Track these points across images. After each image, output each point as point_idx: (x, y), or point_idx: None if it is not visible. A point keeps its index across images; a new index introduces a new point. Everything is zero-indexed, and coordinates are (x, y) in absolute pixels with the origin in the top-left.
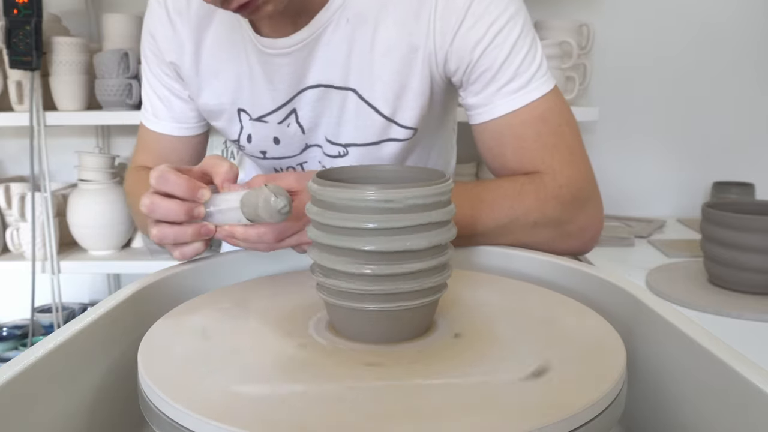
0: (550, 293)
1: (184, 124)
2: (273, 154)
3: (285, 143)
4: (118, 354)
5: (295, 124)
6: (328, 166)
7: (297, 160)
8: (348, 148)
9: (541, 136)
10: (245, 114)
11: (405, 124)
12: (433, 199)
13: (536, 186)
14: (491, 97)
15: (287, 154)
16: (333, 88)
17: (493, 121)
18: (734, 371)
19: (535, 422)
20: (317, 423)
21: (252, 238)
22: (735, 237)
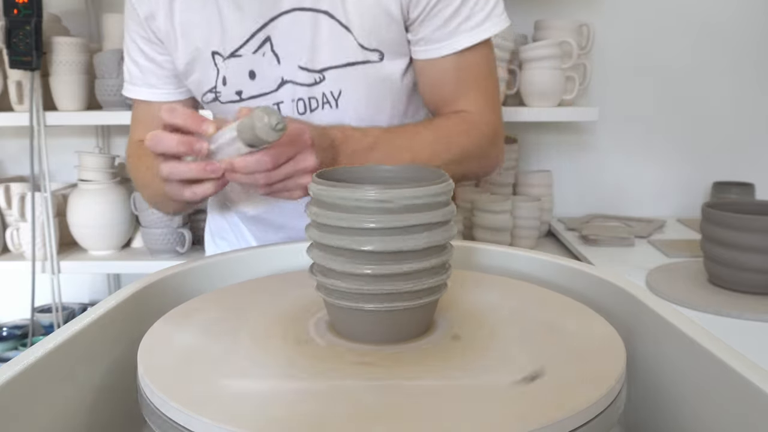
0: (550, 293)
1: (161, 90)
2: (249, 92)
3: (260, 77)
4: (118, 354)
5: (270, 53)
6: (303, 104)
7: (273, 98)
8: (324, 72)
9: (477, 80)
10: (219, 56)
11: (375, 47)
12: (432, 199)
13: (468, 125)
14: (450, 33)
15: (263, 91)
16: (305, 10)
17: (444, 58)
18: (734, 371)
19: (535, 422)
20: (317, 423)
21: (251, 165)
22: (735, 237)
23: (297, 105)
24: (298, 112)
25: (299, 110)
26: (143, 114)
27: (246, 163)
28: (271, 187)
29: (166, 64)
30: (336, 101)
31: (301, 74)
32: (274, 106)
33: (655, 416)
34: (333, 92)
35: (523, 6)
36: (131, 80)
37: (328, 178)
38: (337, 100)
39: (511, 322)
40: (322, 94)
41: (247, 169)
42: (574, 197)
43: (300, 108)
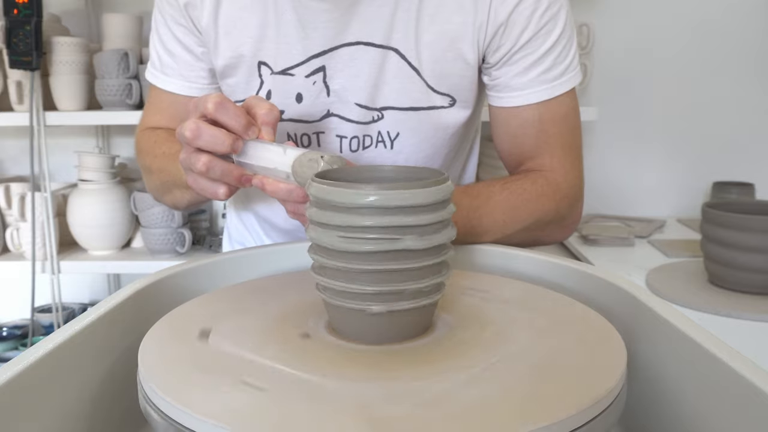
0: (550, 293)
1: (195, 84)
2: (291, 115)
3: (308, 103)
4: (118, 354)
5: (321, 83)
6: (357, 142)
7: (314, 128)
8: (383, 111)
9: (562, 134)
10: (266, 68)
11: (445, 92)
12: (433, 199)
13: (552, 188)
14: (530, 82)
15: (306, 118)
16: (373, 46)
17: (525, 108)
18: (734, 371)
19: (535, 422)
20: (317, 423)
21: (281, 193)
22: (735, 237)
23: (351, 143)
24: (351, 149)
25: (352, 147)
26: (166, 104)
27: (276, 189)
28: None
29: (203, 57)
30: (392, 142)
31: (355, 111)
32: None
33: (655, 416)
34: (390, 133)
35: None
36: (162, 69)
37: (328, 178)
38: (393, 141)
39: (510, 322)
40: (378, 133)
41: (276, 195)
42: None
43: (353, 145)
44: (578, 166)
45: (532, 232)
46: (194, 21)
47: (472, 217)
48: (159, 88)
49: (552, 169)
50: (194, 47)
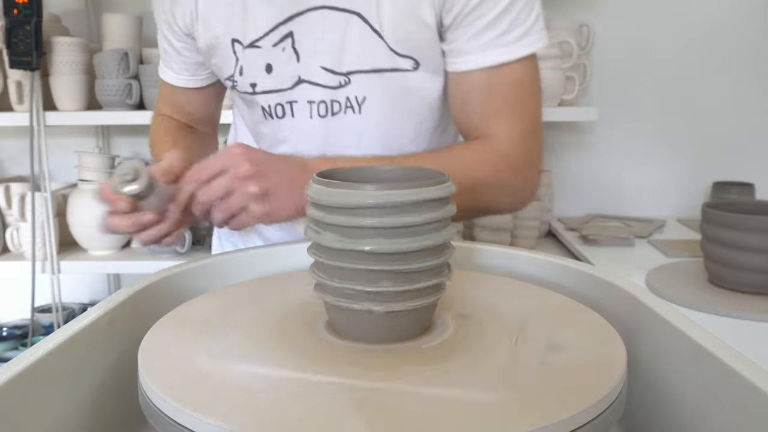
0: (550, 293)
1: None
2: (263, 87)
3: (277, 72)
4: (118, 354)
5: (291, 49)
6: (325, 107)
7: (287, 96)
8: (350, 76)
9: (513, 101)
10: (238, 44)
11: (408, 54)
12: (432, 199)
13: (494, 155)
14: (482, 46)
15: (278, 87)
16: (336, 10)
17: (474, 72)
18: (734, 371)
19: (535, 422)
20: (317, 423)
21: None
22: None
23: (318, 107)
24: (319, 114)
25: (320, 113)
26: (168, 93)
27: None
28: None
29: (183, 51)
30: (360, 107)
31: (323, 75)
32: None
33: (655, 416)
34: (357, 97)
35: None
36: (161, 61)
37: (327, 178)
38: (361, 106)
39: (510, 322)
40: (346, 98)
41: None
42: (574, 197)
43: (321, 111)
44: (531, 136)
45: (476, 198)
46: (176, 17)
47: None
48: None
49: (497, 135)
50: (175, 42)
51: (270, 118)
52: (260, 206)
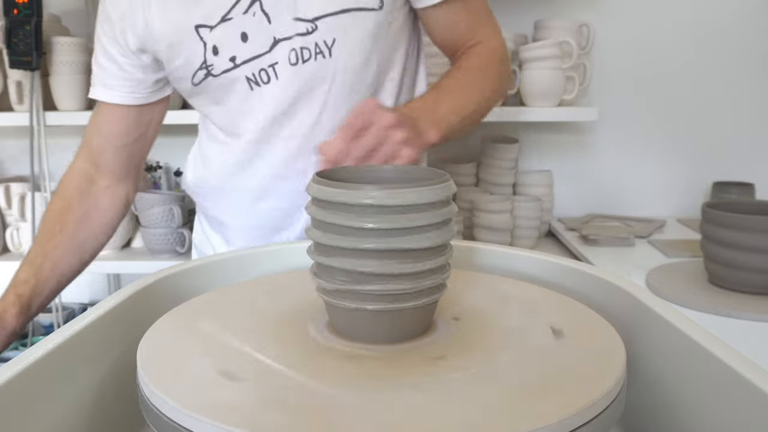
0: (550, 293)
1: (120, 92)
2: (243, 56)
3: (252, 39)
4: (118, 354)
5: (261, 13)
6: (295, 55)
7: (268, 60)
8: (316, 21)
9: (481, 12)
10: (204, 28)
11: None
12: (433, 199)
13: (493, 54)
14: None
15: (257, 52)
16: None
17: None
18: (734, 371)
19: (535, 422)
20: (318, 423)
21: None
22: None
23: (290, 56)
24: (290, 62)
25: (291, 61)
26: (94, 120)
27: (329, 147)
28: (375, 160)
29: (126, 67)
30: (329, 50)
31: (294, 26)
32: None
33: (655, 416)
34: (326, 41)
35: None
36: (93, 83)
37: (328, 178)
38: (331, 49)
39: (510, 322)
40: (315, 45)
41: (332, 153)
42: (574, 197)
43: (292, 59)
44: (499, 31)
45: (490, 99)
46: (126, 31)
47: (437, 102)
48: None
49: (487, 38)
50: (119, 57)
51: (257, 86)
52: (409, 147)
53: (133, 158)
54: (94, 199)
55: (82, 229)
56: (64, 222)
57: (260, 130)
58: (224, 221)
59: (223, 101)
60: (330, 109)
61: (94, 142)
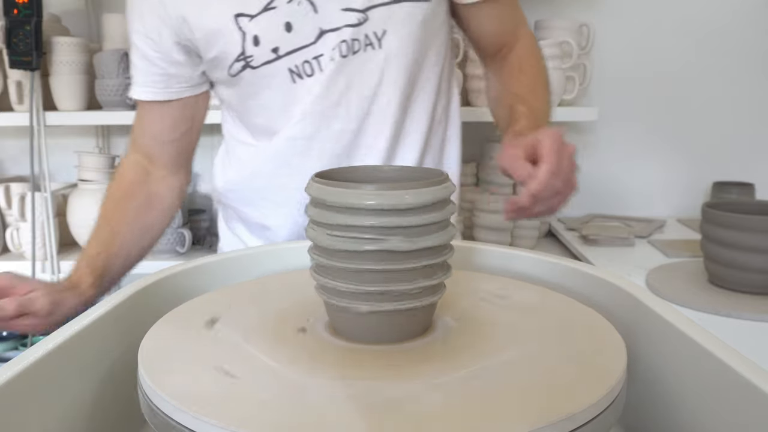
0: (551, 293)
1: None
2: (286, 47)
3: (297, 29)
4: (118, 354)
5: (306, 2)
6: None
7: (312, 51)
8: (367, 12)
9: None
10: (244, 17)
11: None
12: (432, 199)
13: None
14: None
15: (301, 44)
16: None
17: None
18: (734, 371)
19: (535, 422)
20: (318, 423)
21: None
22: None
23: (340, 47)
24: (341, 54)
25: (342, 53)
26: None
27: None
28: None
29: (157, 61)
30: (379, 41)
31: (342, 16)
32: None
33: (655, 416)
34: (377, 32)
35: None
36: (132, 84)
37: (328, 178)
38: (381, 41)
39: (510, 322)
40: (365, 36)
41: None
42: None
43: (343, 50)
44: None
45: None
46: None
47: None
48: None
49: (526, 33)
50: (150, 52)
51: (300, 78)
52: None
53: (183, 152)
54: (152, 186)
55: (144, 213)
56: (126, 207)
57: (305, 125)
58: (269, 225)
59: (261, 95)
60: (380, 103)
61: (141, 142)
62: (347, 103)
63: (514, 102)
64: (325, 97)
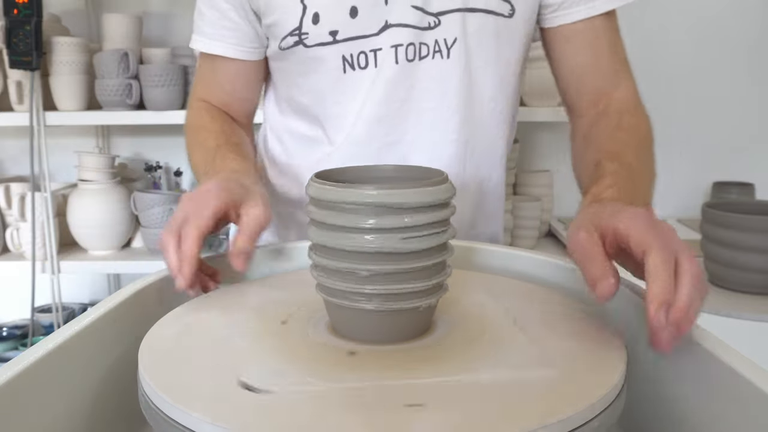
0: (551, 293)
1: (231, 42)
2: (347, 33)
3: (363, 15)
4: (118, 354)
5: None
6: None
7: (371, 44)
8: (440, 17)
9: (619, 46)
10: None
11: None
12: (433, 199)
13: (638, 115)
14: None
15: (363, 33)
16: None
17: (591, 20)
18: (734, 371)
19: (535, 422)
20: (317, 423)
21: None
22: (735, 237)
23: (407, 50)
24: (407, 58)
25: (408, 57)
26: (205, 71)
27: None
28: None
29: (229, 13)
30: (448, 50)
31: (412, 15)
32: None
33: (655, 416)
34: (447, 40)
35: None
36: (196, 32)
37: (328, 178)
38: (450, 50)
39: (511, 322)
40: (435, 42)
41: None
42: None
43: (409, 54)
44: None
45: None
46: None
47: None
48: (201, 55)
49: (628, 82)
50: (221, 3)
51: (351, 70)
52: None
53: (252, 113)
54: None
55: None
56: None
57: (358, 126)
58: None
59: (309, 77)
60: (443, 117)
61: (206, 95)
62: (408, 113)
63: (603, 158)
64: (382, 103)
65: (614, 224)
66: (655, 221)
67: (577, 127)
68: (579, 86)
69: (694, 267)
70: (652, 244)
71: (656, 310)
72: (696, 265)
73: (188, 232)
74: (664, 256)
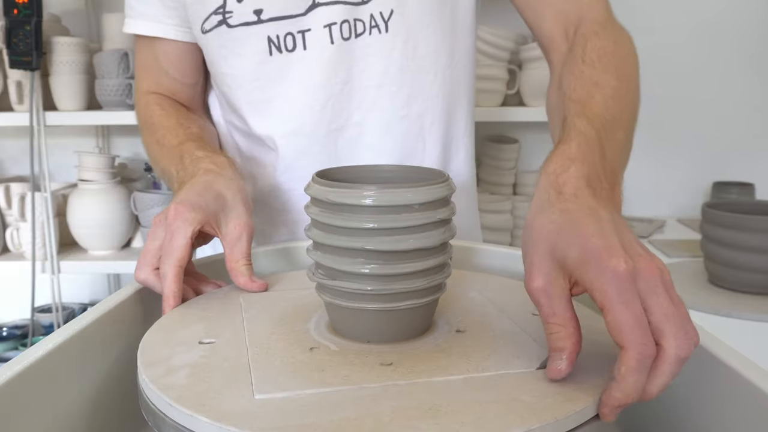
0: None
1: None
2: (271, 12)
3: None
4: (118, 354)
5: None
6: (348, 28)
7: (298, 24)
8: None
9: None
10: None
11: None
12: (432, 199)
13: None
14: None
15: (288, 12)
16: None
17: None
18: (734, 371)
19: (535, 422)
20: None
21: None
22: (735, 237)
23: (341, 28)
24: (343, 37)
25: (344, 35)
26: (146, 57)
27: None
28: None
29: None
30: (386, 24)
31: None
32: (299, 35)
33: (655, 417)
34: (383, 13)
35: None
36: (129, 13)
37: (328, 178)
38: (387, 23)
39: (511, 322)
40: (370, 16)
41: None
42: None
43: (345, 33)
44: None
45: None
46: None
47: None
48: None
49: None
50: None
51: (278, 52)
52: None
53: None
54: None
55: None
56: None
57: (297, 115)
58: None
59: (230, 61)
60: (388, 93)
61: (153, 86)
62: (350, 96)
63: (569, 113)
64: (323, 88)
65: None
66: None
67: (553, 71)
68: (543, 13)
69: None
70: (630, 336)
71: (609, 412)
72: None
73: (166, 272)
74: (639, 357)
